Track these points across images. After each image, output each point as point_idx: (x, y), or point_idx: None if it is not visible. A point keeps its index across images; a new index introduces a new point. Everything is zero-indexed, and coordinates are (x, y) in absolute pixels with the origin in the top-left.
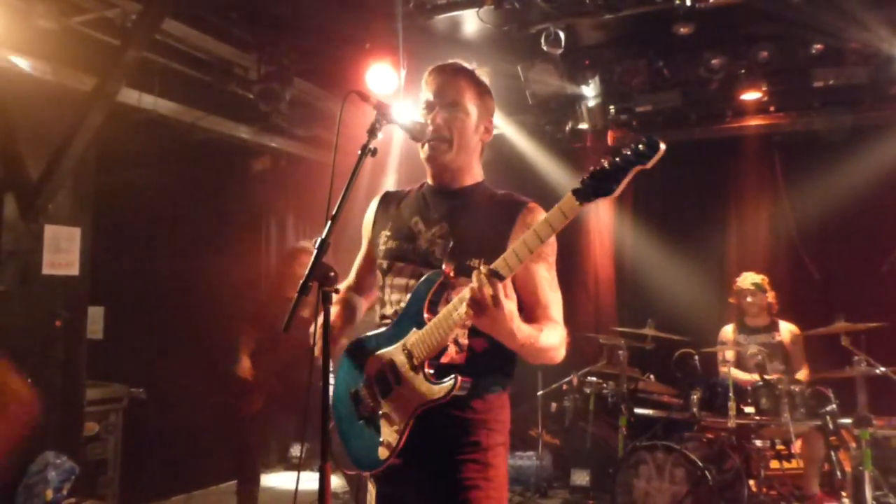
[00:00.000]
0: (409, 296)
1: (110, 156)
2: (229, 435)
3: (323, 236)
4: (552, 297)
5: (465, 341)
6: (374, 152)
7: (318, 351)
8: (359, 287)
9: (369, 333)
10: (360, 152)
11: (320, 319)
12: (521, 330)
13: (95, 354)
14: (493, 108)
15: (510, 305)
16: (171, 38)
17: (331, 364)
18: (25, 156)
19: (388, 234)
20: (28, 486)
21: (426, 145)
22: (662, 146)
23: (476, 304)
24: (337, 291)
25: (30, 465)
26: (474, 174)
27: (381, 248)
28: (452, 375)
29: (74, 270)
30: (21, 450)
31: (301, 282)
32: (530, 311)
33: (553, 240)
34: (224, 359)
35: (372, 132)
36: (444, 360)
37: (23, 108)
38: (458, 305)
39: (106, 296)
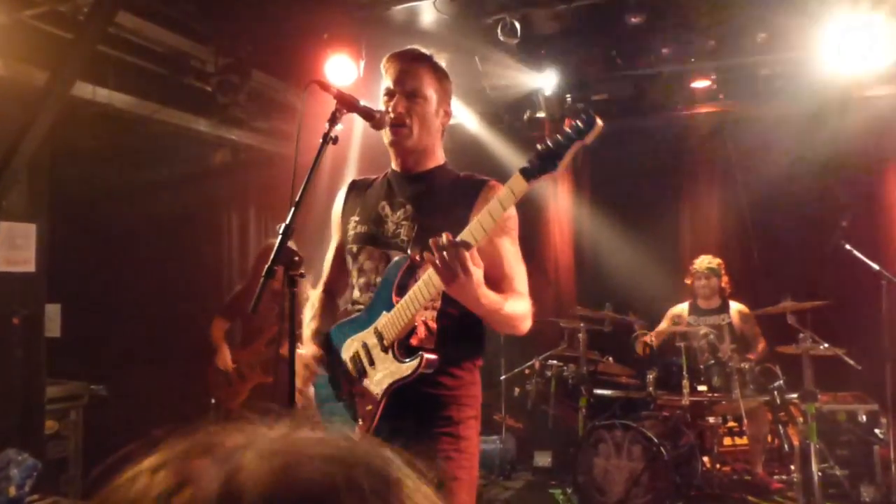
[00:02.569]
0: (379, 279)
1: (66, 151)
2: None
3: (287, 222)
4: (517, 270)
5: (433, 323)
6: (335, 140)
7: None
8: (333, 283)
9: (345, 319)
10: (321, 140)
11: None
12: (487, 296)
13: (53, 352)
14: (451, 91)
15: (477, 273)
16: (125, 30)
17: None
18: None
19: (357, 219)
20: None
21: (388, 130)
22: (599, 122)
23: (449, 272)
24: (302, 275)
25: None
26: (436, 157)
27: (351, 233)
28: (418, 354)
29: (31, 267)
30: None
31: (266, 266)
32: (496, 283)
33: (515, 215)
34: (196, 351)
35: (332, 121)
36: (413, 340)
37: None
38: (423, 287)
39: (63, 293)
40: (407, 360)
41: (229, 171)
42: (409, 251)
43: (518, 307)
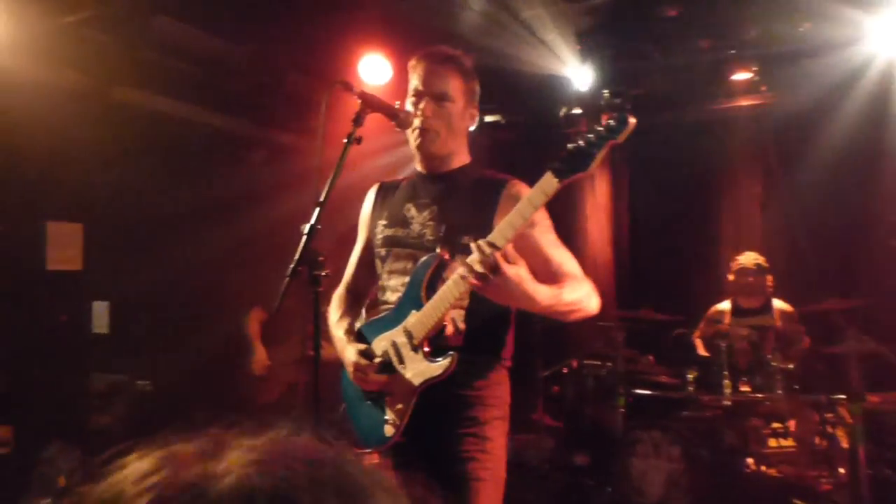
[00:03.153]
0: (407, 280)
1: (109, 152)
2: (247, 423)
3: (312, 222)
4: (561, 254)
5: (461, 322)
6: (359, 140)
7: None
8: (356, 284)
9: (373, 318)
10: (345, 141)
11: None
12: (539, 291)
13: (102, 349)
14: (478, 91)
15: (515, 269)
16: (162, 34)
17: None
18: (26, 155)
19: (385, 222)
20: (41, 473)
21: (415, 133)
22: (632, 120)
23: (480, 276)
24: (327, 275)
25: (41, 454)
26: (461, 157)
27: (379, 236)
28: (449, 353)
29: (77, 266)
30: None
31: (291, 266)
32: (545, 274)
33: (541, 210)
34: (232, 350)
35: (356, 121)
36: (441, 339)
37: (22, 108)
38: (452, 286)
39: (112, 291)
40: (438, 359)
41: (266, 170)
42: (436, 251)
43: (576, 292)
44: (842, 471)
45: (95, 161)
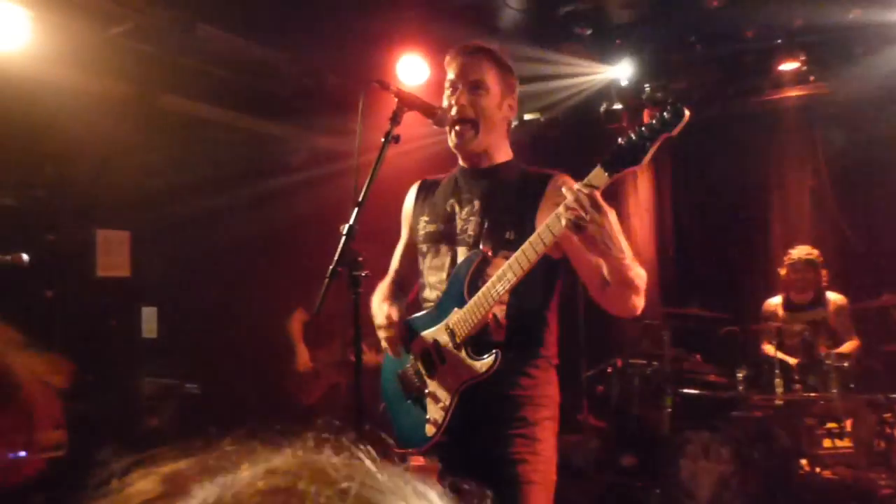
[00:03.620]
0: (447, 277)
1: (154, 160)
2: (290, 424)
3: (350, 222)
4: (622, 240)
5: (503, 319)
6: (396, 139)
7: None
8: (401, 279)
9: (414, 316)
10: (382, 140)
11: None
12: (623, 245)
13: (151, 353)
14: (516, 85)
15: (611, 214)
16: (203, 42)
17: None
18: (76, 165)
19: (427, 219)
20: (95, 476)
21: (452, 132)
22: (687, 113)
23: (577, 220)
24: (367, 276)
25: (95, 456)
26: (503, 152)
27: (421, 232)
28: (493, 351)
29: (126, 272)
30: (84, 443)
31: (330, 267)
32: (596, 266)
33: None
34: (277, 352)
35: (394, 119)
36: (484, 335)
37: (71, 119)
38: (495, 284)
39: (160, 296)
40: (481, 358)
41: (310, 173)
42: (480, 246)
43: (638, 269)
44: None
45: (142, 169)
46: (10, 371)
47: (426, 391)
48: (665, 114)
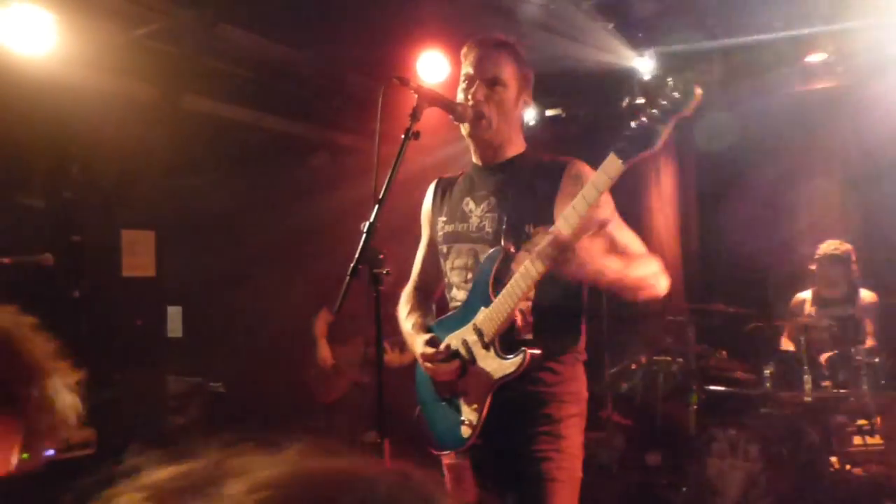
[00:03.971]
0: (471, 276)
1: (177, 160)
2: (314, 422)
3: (371, 219)
4: (626, 236)
5: (529, 316)
6: (416, 135)
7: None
8: (424, 283)
9: (442, 317)
10: (403, 136)
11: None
12: (609, 266)
13: (176, 352)
14: (532, 79)
15: (586, 242)
16: (226, 42)
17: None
18: (101, 165)
19: (444, 219)
20: (123, 473)
21: (467, 122)
22: (698, 91)
23: (550, 257)
24: (388, 273)
25: (122, 455)
26: (517, 145)
27: (440, 233)
28: (521, 349)
29: (151, 272)
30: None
31: (351, 265)
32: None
33: (605, 195)
34: (301, 351)
35: (414, 116)
36: (512, 333)
37: (96, 120)
38: (519, 281)
39: (184, 296)
40: (510, 356)
41: (331, 171)
42: (501, 242)
43: (644, 268)
44: None
45: (166, 169)
46: (43, 374)
47: (459, 393)
48: (675, 93)
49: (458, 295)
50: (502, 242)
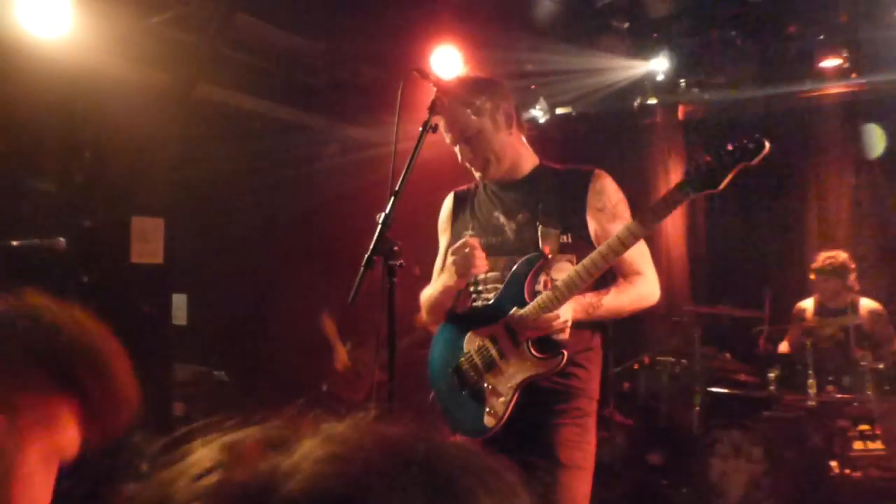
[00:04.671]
0: (507, 277)
1: (190, 148)
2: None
3: (387, 211)
4: (634, 254)
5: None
6: (434, 129)
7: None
8: None
9: (466, 310)
10: (420, 129)
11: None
12: (578, 313)
13: (181, 339)
14: (503, 92)
15: (555, 315)
16: (242, 32)
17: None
18: (113, 152)
19: (471, 233)
20: (126, 460)
21: (472, 169)
22: (767, 144)
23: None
24: (402, 265)
25: (124, 441)
26: (528, 159)
27: None
28: (559, 351)
29: (159, 259)
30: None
31: (366, 256)
32: (617, 269)
33: (624, 198)
34: (306, 342)
35: (432, 109)
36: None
37: (110, 107)
38: (563, 289)
39: (190, 284)
40: (545, 356)
41: (342, 164)
42: (539, 250)
43: (623, 298)
44: None
45: (178, 157)
46: (101, 356)
47: (485, 386)
48: (748, 143)
49: (488, 294)
50: (541, 249)
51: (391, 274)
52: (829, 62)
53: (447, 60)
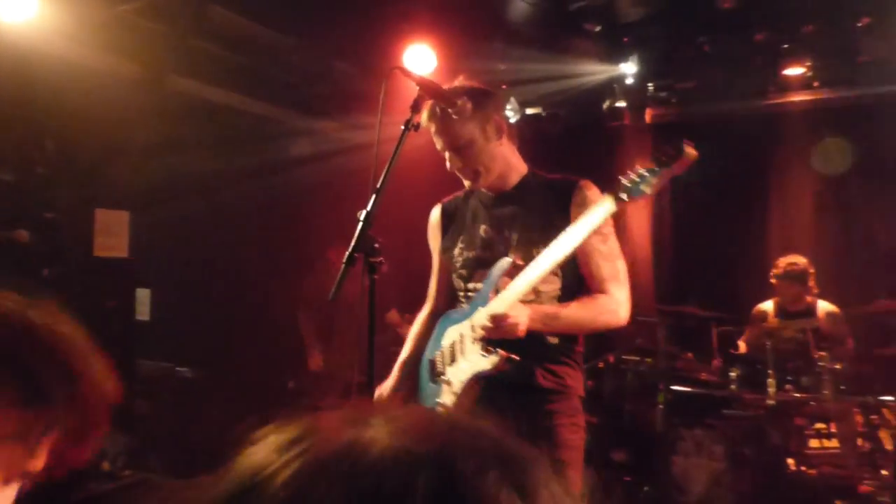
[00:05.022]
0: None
1: (158, 141)
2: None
3: (368, 209)
4: (606, 268)
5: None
6: (416, 127)
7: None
8: (439, 307)
9: (452, 311)
10: (402, 127)
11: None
12: (535, 321)
13: (143, 335)
14: (496, 102)
15: (524, 322)
16: (214, 23)
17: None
18: (79, 143)
19: (462, 245)
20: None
21: (468, 182)
22: (691, 152)
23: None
24: (382, 263)
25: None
26: (517, 168)
27: (459, 259)
28: (496, 350)
29: (123, 253)
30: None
31: (347, 253)
32: (587, 282)
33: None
34: (273, 338)
35: (415, 107)
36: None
37: (76, 96)
38: (503, 298)
39: (153, 278)
40: (488, 354)
41: (312, 160)
42: (510, 256)
43: (583, 312)
44: (885, 472)
45: (145, 149)
46: (76, 364)
47: (444, 378)
48: (673, 151)
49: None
50: (511, 256)
51: (372, 271)
52: (793, 70)
53: (420, 58)
